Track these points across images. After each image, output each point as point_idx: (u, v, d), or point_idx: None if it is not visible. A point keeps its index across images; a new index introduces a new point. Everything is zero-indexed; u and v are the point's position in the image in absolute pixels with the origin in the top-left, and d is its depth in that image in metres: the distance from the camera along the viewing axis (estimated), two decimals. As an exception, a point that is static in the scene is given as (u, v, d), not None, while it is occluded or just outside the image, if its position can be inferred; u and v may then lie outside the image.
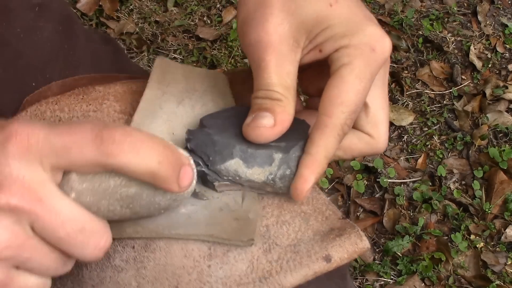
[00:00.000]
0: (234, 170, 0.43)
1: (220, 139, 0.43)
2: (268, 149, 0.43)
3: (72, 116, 0.49)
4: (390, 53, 0.44)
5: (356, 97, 0.42)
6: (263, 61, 0.42)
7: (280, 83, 0.42)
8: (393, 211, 1.42)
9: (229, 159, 0.43)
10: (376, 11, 1.77)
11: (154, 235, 0.42)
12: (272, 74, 0.42)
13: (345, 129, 0.42)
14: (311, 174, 0.42)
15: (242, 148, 0.43)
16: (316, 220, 0.46)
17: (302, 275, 0.42)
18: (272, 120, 0.42)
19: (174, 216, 0.43)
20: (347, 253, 0.44)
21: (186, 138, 0.44)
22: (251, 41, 0.43)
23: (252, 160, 0.43)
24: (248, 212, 0.44)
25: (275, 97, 0.42)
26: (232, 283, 0.41)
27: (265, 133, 0.42)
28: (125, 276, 0.42)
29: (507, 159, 1.48)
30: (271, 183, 0.44)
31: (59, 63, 0.54)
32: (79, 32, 0.58)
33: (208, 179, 0.44)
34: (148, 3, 1.70)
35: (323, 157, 0.42)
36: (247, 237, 0.42)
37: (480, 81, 1.67)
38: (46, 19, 0.55)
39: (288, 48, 0.43)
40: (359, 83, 0.41)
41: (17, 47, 0.52)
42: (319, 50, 0.43)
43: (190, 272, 0.42)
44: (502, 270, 1.35)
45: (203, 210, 0.44)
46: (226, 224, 0.43)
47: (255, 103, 0.43)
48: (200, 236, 0.42)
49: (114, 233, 0.40)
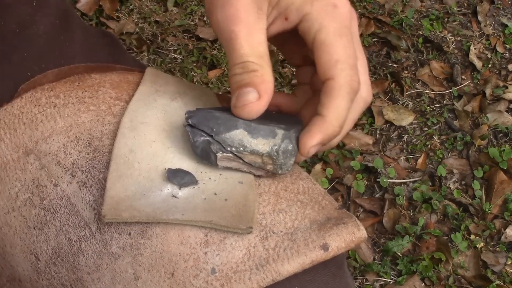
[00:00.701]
0: (239, 140, 0.43)
1: (221, 115, 0.43)
2: (270, 126, 0.44)
3: (67, 102, 0.49)
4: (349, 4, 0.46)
5: (347, 52, 0.43)
6: (233, 33, 0.43)
7: (253, 53, 0.43)
8: (393, 211, 1.41)
9: (234, 129, 0.43)
10: (376, 11, 1.77)
11: (151, 220, 0.42)
12: (243, 45, 0.43)
13: (354, 86, 0.43)
14: (318, 133, 0.43)
15: (245, 122, 0.43)
16: (312, 209, 0.45)
17: (299, 263, 0.42)
18: (256, 93, 0.42)
19: (171, 200, 0.43)
20: (345, 242, 0.43)
21: (186, 117, 0.44)
22: (219, 18, 0.43)
23: (256, 132, 0.43)
24: (245, 199, 0.44)
25: (251, 68, 0.43)
26: (229, 270, 0.41)
27: (254, 107, 0.43)
28: (122, 263, 0.42)
29: (507, 159, 1.48)
30: (274, 155, 0.44)
31: (55, 54, 0.54)
32: (75, 25, 0.58)
33: (211, 149, 0.44)
34: (148, 3, 1.70)
35: (333, 118, 0.43)
36: (245, 225, 0.42)
37: (480, 81, 1.67)
38: (44, 13, 0.55)
39: (254, 16, 0.43)
40: (340, 39, 0.43)
41: (12, 41, 0.52)
42: (285, 18, 0.44)
43: (187, 259, 0.41)
44: (502, 270, 1.34)
45: (201, 194, 0.44)
46: (225, 211, 0.43)
47: (234, 81, 0.43)
48: (198, 222, 0.42)
49: (110, 216, 0.40)
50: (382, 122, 1.57)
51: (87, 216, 0.44)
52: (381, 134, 1.55)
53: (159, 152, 0.46)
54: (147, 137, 0.47)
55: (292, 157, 0.44)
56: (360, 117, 1.57)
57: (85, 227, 0.44)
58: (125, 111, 0.48)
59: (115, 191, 0.43)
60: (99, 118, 0.48)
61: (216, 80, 1.57)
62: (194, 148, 0.44)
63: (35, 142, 0.48)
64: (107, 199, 0.42)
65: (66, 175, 0.46)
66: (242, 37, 0.43)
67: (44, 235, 0.46)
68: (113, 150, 0.45)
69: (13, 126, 0.49)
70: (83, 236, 0.44)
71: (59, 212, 0.45)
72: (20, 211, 0.47)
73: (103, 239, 0.43)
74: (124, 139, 0.46)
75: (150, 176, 0.44)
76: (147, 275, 0.42)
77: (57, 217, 0.45)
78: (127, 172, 0.44)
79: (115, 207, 0.42)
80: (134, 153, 0.46)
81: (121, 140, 0.46)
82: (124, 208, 0.42)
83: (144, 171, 0.45)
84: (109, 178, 0.44)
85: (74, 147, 0.47)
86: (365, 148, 1.51)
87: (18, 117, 0.49)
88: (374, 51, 1.70)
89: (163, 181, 0.44)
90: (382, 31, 1.73)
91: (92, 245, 0.44)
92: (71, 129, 0.48)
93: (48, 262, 0.45)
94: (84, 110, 0.49)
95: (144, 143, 0.46)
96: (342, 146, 1.50)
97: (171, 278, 0.41)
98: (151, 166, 0.45)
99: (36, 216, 0.46)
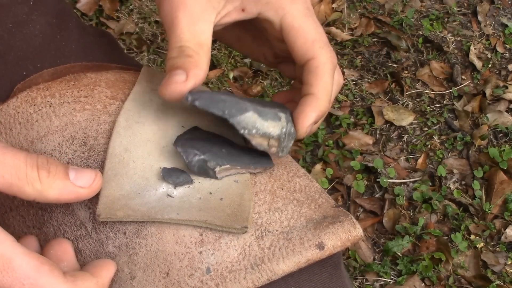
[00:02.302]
0: (253, 122, 0.43)
1: (227, 97, 0.43)
2: (272, 109, 0.44)
3: (63, 101, 0.49)
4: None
5: (318, 31, 0.45)
6: (176, 18, 0.43)
7: (192, 39, 0.43)
8: (393, 211, 1.41)
9: (245, 112, 0.43)
10: (376, 11, 1.77)
11: (146, 219, 0.41)
12: (184, 30, 0.43)
13: (334, 62, 0.45)
14: (312, 111, 0.44)
15: (253, 105, 0.43)
16: (309, 207, 0.45)
17: (294, 262, 0.42)
18: (184, 75, 0.43)
19: (166, 199, 0.43)
20: (340, 240, 0.43)
21: (190, 99, 0.43)
22: (165, 7, 0.44)
23: (265, 115, 0.43)
24: (241, 198, 0.44)
25: (187, 53, 0.43)
26: (224, 269, 0.41)
27: (179, 87, 0.42)
28: (118, 262, 0.42)
29: (507, 159, 1.48)
30: (282, 137, 0.44)
31: (51, 53, 0.53)
32: (72, 24, 0.58)
33: (208, 167, 0.44)
34: (148, 3, 1.70)
35: (324, 95, 0.44)
36: (240, 224, 0.42)
37: (480, 81, 1.66)
38: (40, 12, 0.55)
39: (201, 7, 0.44)
40: (307, 20, 0.44)
41: (8, 41, 0.52)
42: (241, 9, 0.45)
43: (182, 258, 0.41)
44: (502, 270, 1.34)
45: (196, 194, 0.44)
46: (220, 210, 0.43)
47: (168, 65, 0.44)
48: (193, 222, 0.42)
49: (104, 215, 0.39)
50: (382, 122, 1.57)
51: (82, 215, 0.44)
52: (381, 134, 1.55)
53: (154, 151, 0.46)
54: (142, 136, 0.47)
55: (292, 140, 0.45)
56: (360, 117, 1.57)
57: (81, 226, 0.44)
58: (120, 110, 0.48)
59: (110, 190, 0.43)
60: (94, 117, 0.48)
61: (216, 80, 1.57)
62: (190, 167, 0.44)
63: (30, 141, 0.48)
64: (102, 198, 0.42)
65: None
66: (184, 23, 0.43)
67: (43, 235, 0.46)
68: (108, 149, 0.45)
69: (8, 125, 0.49)
70: (79, 235, 0.44)
71: (55, 212, 0.45)
72: (18, 210, 0.47)
73: (99, 238, 0.43)
74: (119, 138, 0.46)
75: (145, 175, 0.44)
76: (142, 275, 0.41)
77: (54, 216, 0.45)
78: (122, 171, 0.44)
79: (110, 206, 0.41)
80: (129, 152, 0.45)
81: (116, 139, 0.46)
82: (119, 207, 0.42)
83: (139, 170, 0.45)
84: (104, 177, 0.44)
85: (70, 146, 0.47)
86: (365, 148, 1.51)
87: (13, 116, 0.49)
88: (374, 51, 1.70)
89: (158, 180, 0.44)
90: (382, 31, 1.73)
91: (89, 245, 0.43)
92: (67, 129, 0.48)
93: None
94: (79, 109, 0.49)
95: (139, 142, 0.46)
96: (342, 146, 1.50)
97: (166, 278, 0.41)
98: (146, 165, 0.45)
99: (34, 215, 0.46)
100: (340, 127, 1.54)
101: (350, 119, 1.56)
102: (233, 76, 1.59)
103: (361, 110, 1.58)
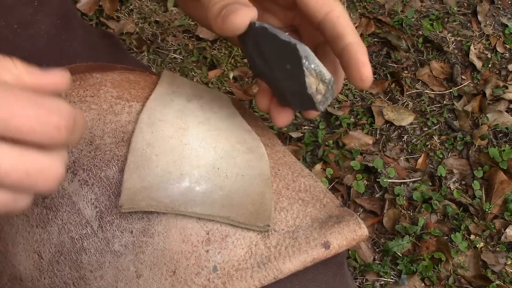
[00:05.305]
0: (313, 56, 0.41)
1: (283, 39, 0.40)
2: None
3: (69, 101, 0.49)
4: None
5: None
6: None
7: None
8: (393, 211, 1.41)
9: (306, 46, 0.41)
10: (376, 11, 1.77)
11: (169, 211, 0.42)
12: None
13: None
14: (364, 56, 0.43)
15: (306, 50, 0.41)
16: (314, 207, 0.45)
17: (300, 261, 0.42)
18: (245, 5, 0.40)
19: (189, 193, 0.43)
20: (346, 240, 0.44)
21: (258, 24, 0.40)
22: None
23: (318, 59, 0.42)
24: (262, 197, 0.44)
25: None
26: (230, 268, 0.41)
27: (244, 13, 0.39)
28: (124, 261, 0.42)
29: (507, 159, 1.48)
30: (331, 85, 0.42)
31: (56, 54, 0.54)
32: (77, 25, 0.58)
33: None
34: (148, 3, 1.70)
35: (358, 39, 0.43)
36: (263, 223, 0.42)
37: (480, 81, 1.67)
38: (45, 13, 0.55)
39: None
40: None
41: (13, 42, 0.52)
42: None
43: (188, 257, 0.41)
44: (502, 270, 1.34)
45: (218, 191, 0.44)
46: (242, 208, 0.43)
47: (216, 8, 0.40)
48: (217, 217, 0.42)
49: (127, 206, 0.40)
50: (382, 122, 1.57)
51: (88, 214, 0.44)
52: (381, 134, 1.55)
53: (176, 148, 0.46)
54: (164, 133, 0.47)
55: (332, 96, 0.43)
56: (360, 117, 1.57)
57: (87, 225, 0.44)
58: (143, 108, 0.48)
59: (132, 182, 0.43)
60: (100, 117, 0.48)
61: (216, 80, 1.57)
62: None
63: (36, 140, 0.48)
64: (124, 190, 0.43)
65: (68, 174, 0.46)
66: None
67: (47, 234, 0.46)
68: (131, 144, 0.46)
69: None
70: (84, 234, 0.44)
71: (60, 211, 0.45)
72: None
73: (105, 237, 0.43)
74: (142, 134, 0.47)
75: (168, 168, 0.45)
76: (149, 273, 0.42)
77: (59, 215, 0.45)
78: (145, 163, 0.45)
79: (132, 197, 0.42)
80: (151, 146, 0.46)
81: (139, 134, 0.46)
82: (142, 198, 0.42)
83: (162, 163, 0.45)
84: (126, 170, 0.44)
85: (76, 146, 0.47)
86: (365, 148, 1.51)
87: None
88: (374, 51, 1.70)
89: (181, 174, 0.44)
90: (382, 31, 1.73)
91: (94, 243, 0.44)
92: (73, 128, 0.48)
93: (52, 260, 0.45)
94: (85, 109, 0.49)
95: (162, 138, 0.47)
96: (342, 146, 1.50)
97: (172, 276, 0.41)
98: (168, 159, 0.45)
99: (38, 214, 0.46)
100: (340, 127, 1.54)
101: (350, 119, 1.56)
102: (233, 76, 1.59)
103: (361, 110, 1.58)
